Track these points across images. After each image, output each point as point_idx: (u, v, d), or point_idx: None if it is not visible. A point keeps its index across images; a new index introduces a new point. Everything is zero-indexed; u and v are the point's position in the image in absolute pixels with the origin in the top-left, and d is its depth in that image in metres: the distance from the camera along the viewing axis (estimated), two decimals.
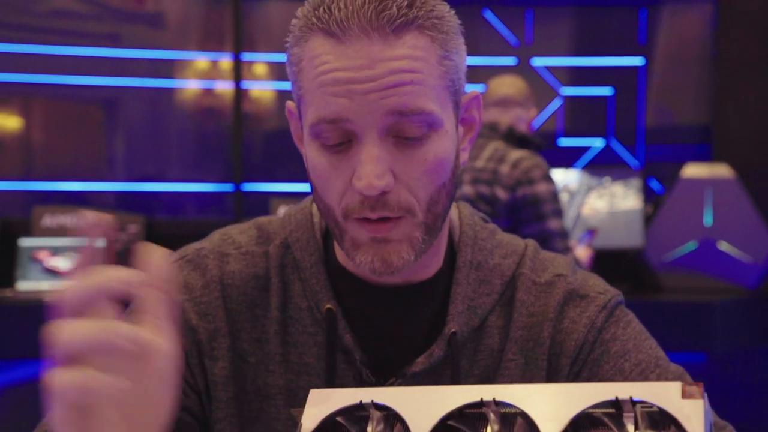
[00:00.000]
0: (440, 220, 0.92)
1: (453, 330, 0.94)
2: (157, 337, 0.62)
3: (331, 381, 0.92)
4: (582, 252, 3.12)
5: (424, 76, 0.85)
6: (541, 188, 2.85)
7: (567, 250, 2.89)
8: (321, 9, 0.85)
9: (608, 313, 0.98)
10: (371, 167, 0.84)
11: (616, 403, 0.62)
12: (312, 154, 0.89)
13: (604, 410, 0.62)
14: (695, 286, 3.81)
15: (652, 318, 3.51)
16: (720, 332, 3.65)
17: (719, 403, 1.06)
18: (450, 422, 0.67)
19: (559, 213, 2.89)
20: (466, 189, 2.88)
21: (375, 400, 0.70)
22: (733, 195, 3.86)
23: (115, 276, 0.62)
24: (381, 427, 0.69)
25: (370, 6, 0.82)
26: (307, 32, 0.88)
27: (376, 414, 0.70)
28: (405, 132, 0.86)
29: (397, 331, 0.96)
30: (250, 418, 0.94)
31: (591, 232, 3.46)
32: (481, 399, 0.67)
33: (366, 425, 0.70)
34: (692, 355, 3.76)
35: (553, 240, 2.87)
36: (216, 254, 1.01)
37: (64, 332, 0.60)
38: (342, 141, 0.86)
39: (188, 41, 4.45)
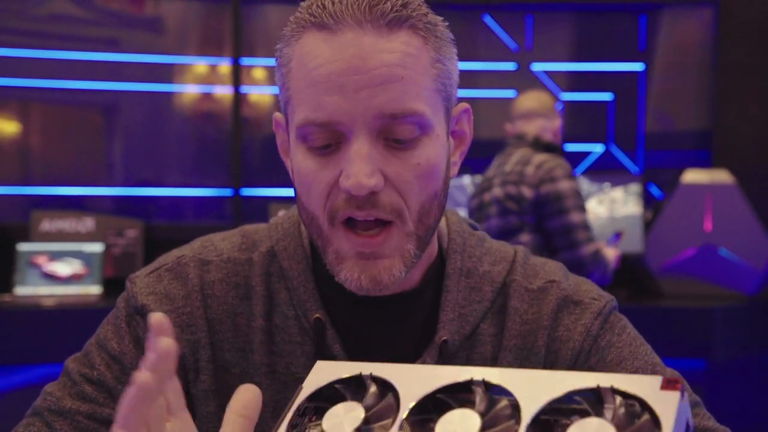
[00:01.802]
0: (431, 233, 0.90)
1: (444, 338, 0.94)
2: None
3: None
4: (608, 252, 3.17)
5: (415, 75, 0.85)
6: (563, 185, 2.97)
7: (590, 241, 2.98)
8: (314, 6, 0.85)
9: (603, 320, 0.97)
10: (360, 165, 0.83)
11: (597, 391, 0.64)
12: (298, 158, 0.88)
13: (584, 396, 0.65)
14: (695, 292, 3.83)
15: (652, 324, 3.51)
16: (720, 338, 3.66)
17: (719, 409, 1.06)
18: (438, 395, 0.69)
19: (581, 208, 3.00)
20: (496, 191, 3.04)
21: (374, 373, 0.72)
22: (733, 201, 3.88)
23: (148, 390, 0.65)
24: (375, 395, 0.71)
25: (364, 1, 0.83)
26: (299, 31, 0.87)
27: (371, 384, 0.72)
28: (395, 134, 0.85)
29: (387, 340, 0.96)
30: None
31: (618, 235, 3.52)
32: (471, 378, 0.69)
33: (362, 393, 0.72)
34: (692, 362, 3.76)
35: (576, 231, 2.99)
36: (196, 262, 1.00)
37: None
38: (330, 143, 0.85)
39: (187, 46, 4.45)
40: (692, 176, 3.96)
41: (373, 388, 0.73)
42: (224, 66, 4.42)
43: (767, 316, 3.92)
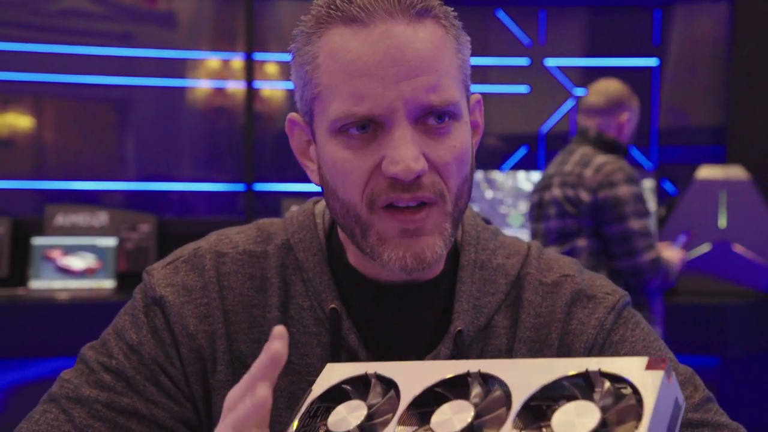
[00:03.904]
0: (461, 216, 0.92)
1: (459, 328, 0.94)
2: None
3: None
4: (673, 253, 3.10)
5: (446, 64, 0.86)
6: (623, 191, 2.89)
7: (649, 248, 2.91)
8: (338, 1, 0.86)
9: (617, 315, 0.98)
10: (406, 151, 0.84)
11: (587, 376, 0.65)
12: (331, 150, 0.88)
13: (575, 381, 0.66)
14: (709, 288, 3.81)
15: (666, 321, 3.48)
16: (734, 335, 3.64)
17: (733, 406, 1.05)
18: (437, 389, 0.71)
19: (641, 214, 2.92)
20: (555, 191, 2.98)
21: (378, 372, 0.75)
22: (748, 197, 3.85)
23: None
24: (378, 393, 0.74)
25: None
26: (321, 27, 0.88)
27: (376, 382, 0.74)
28: (432, 120, 0.85)
29: (403, 330, 0.96)
30: None
31: (687, 233, 3.37)
32: (468, 371, 0.71)
33: (367, 392, 0.74)
34: (706, 359, 3.75)
35: (635, 239, 2.90)
36: (213, 254, 1.00)
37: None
38: (366, 131, 0.86)
39: (200, 41, 4.47)
40: (706, 172, 3.93)
41: (376, 386, 0.74)
42: (237, 61, 4.43)
43: None
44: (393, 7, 0.85)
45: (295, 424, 0.76)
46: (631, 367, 0.65)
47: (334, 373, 0.79)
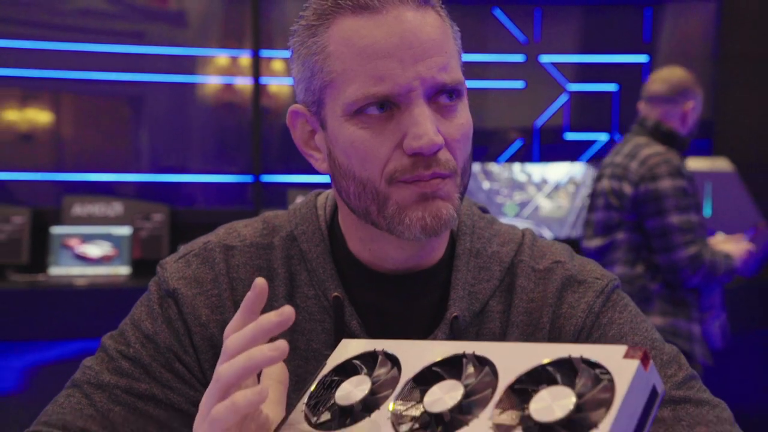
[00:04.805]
0: (466, 190, 0.93)
1: (455, 314, 0.94)
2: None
3: None
4: (736, 246, 2.97)
5: (451, 48, 0.89)
6: (665, 184, 2.77)
7: (690, 244, 2.76)
8: None
9: (605, 298, 0.98)
10: (427, 126, 0.85)
11: (569, 361, 0.66)
12: (348, 132, 0.88)
13: (559, 366, 0.66)
14: None
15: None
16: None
17: (716, 388, 1.04)
18: (435, 368, 0.73)
19: (684, 208, 2.78)
20: (605, 183, 2.89)
21: (385, 349, 0.77)
22: (733, 188, 3.81)
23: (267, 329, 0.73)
24: (383, 369, 0.75)
25: None
26: (328, 18, 0.88)
27: (382, 359, 0.76)
28: (443, 98, 0.87)
29: (402, 316, 0.97)
30: None
31: (755, 230, 3.15)
32: (463, 352, 0.72)
33: (374, 367, 0.76)
34: None
35: (673, 234, 2.77)
36: (222, 247, 1.00)
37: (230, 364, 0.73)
38: (384, 111, 0.87)
39: (209, 38, 4.45)
40: (693, 164, 3.76)
41: (382, 363, 0.76)
42: (244, 58, 4.39)
43: (764, 297, 3.91)
44: None
45: (312, 387, 0.78)
46: (610, 355, 0.64)
47: (346, 349, 0.80)
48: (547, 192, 4.44)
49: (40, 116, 4.35)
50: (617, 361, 0.63)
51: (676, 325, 2.85)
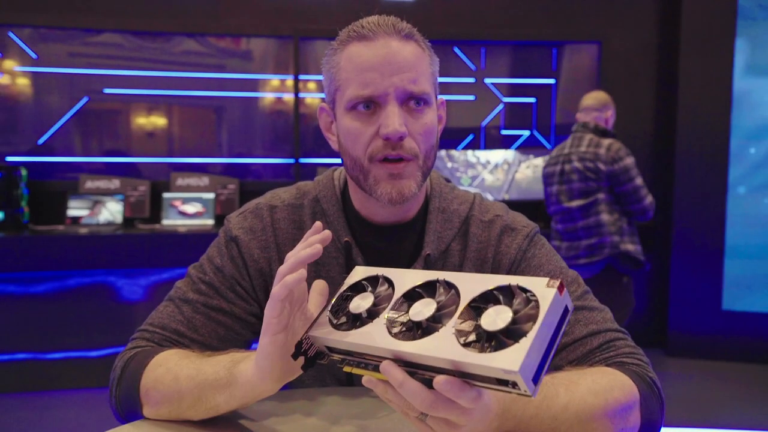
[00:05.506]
0: (428, 173, 1.01)
1: (428, 252, 1.04)
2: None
3: None
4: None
5: (422, 69, 0.99)
6: (627, 161, 3.13)
7: (648, 194, 3.13)
8: (355, 27, 1.00)
9: (530, 240, 1.10)
10: (395, 119, 0.94)
11: (509, 288, 0.73)
12: (346, 122, 0.98)
13: (503, 291, 0.73)
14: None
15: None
16: None
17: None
18: (417, 289, 0.81)
19: (638, 174, 3.12)
20: (576, 164, 3.16)
21: (384, 275, 0.86)
22: None
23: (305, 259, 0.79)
24: (382, 288, 0.84)
25: (389, 21, 1.00)
26: (343, 45, 1.00)
27: (382, 281, 0.86)
28: (412, 103, 0.97)
29: (392, 254, 1.07)
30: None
31: None
32: (437, 278, 0.80)
33: (376, 287, 0.85)
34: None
35: (639, 191, 3.14)
36: (268, 207, 1.10)
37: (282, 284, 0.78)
38: (369, 109, 0.96)
39: (266, 68, 4.77)
40: None
41: (381, 284, 0.86)
42: (289, 81, 4.75)
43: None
44: (389, 30, 0.98)
45: (334, 299, 0.87)
46: (537, 284, 0.71)
47: (358, 273, 0.89)
48: (490, 169, 4.73)
49: (158, 121, 4.70)
50: (542, 288, 0.70)
51: (637, 248, 3.24)
